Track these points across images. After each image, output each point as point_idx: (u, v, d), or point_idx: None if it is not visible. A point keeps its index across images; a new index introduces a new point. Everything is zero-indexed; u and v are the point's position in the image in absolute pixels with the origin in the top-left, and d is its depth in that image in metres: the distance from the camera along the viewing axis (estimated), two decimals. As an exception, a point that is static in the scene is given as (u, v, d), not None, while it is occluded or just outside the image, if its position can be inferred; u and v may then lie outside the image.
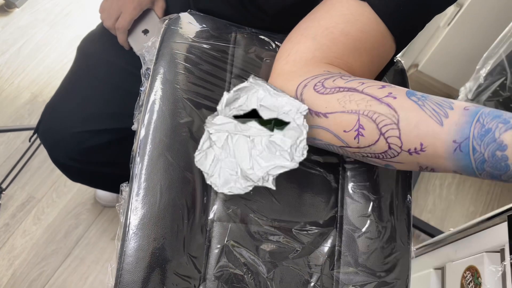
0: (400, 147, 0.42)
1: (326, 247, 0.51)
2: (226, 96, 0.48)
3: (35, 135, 0.85)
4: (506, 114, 0.38)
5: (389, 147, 0.43)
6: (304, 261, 0.50)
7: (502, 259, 0.65)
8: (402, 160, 0.43)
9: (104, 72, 0.81)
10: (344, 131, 0.45)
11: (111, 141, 0.80)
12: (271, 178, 0.46)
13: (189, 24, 0.57)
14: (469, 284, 0.72)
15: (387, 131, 0.42)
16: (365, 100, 0.44)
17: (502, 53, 1.21)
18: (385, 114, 0.42)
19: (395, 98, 0.43)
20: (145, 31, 0.78)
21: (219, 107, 0.48)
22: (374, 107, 0.43)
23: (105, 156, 0.83)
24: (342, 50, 0.50)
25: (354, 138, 0.45)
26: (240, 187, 0.47)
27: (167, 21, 0.56)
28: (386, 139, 0.43)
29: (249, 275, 0.49)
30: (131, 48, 0.79)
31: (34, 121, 1.43)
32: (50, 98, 0.83)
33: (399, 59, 0.61)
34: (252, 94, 0.48)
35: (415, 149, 0.41)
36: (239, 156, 0.47)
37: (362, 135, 0.44)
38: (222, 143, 0.47)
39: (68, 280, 1.23)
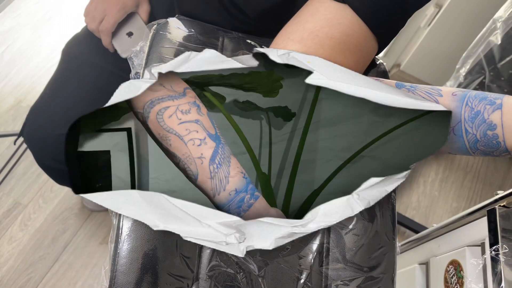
0: None
1: (315, 244, 0.52)
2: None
3: (20, 138, 0.85)
4: (491, 95, 0.41)
5: None
6: (294, 258, 0.52)
7: (483, 252, 0.67)
8: None
9: (89, 74, 0.81)
10: None
11: None
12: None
13: (177, 29, 0.58)
14: (452, 277, 0.74)
15: None
16: None
17: (480, 52, 1.24)
18: None
19: None
20: (129, 34, 0.78)
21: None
22: None
23: None
24: (330, 52, 0.51)
25: None
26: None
27: (155, 26, 0.57)
28: None
29: (241, 273, 0.50)
30: (115, 51, 0.79)
31: (18, 127, 1.41)
32: (34, 103, 0.83)
33: (381, 61, 0.63)
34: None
35: None
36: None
37: None
38: None
39: (56, 286, 1.22)
